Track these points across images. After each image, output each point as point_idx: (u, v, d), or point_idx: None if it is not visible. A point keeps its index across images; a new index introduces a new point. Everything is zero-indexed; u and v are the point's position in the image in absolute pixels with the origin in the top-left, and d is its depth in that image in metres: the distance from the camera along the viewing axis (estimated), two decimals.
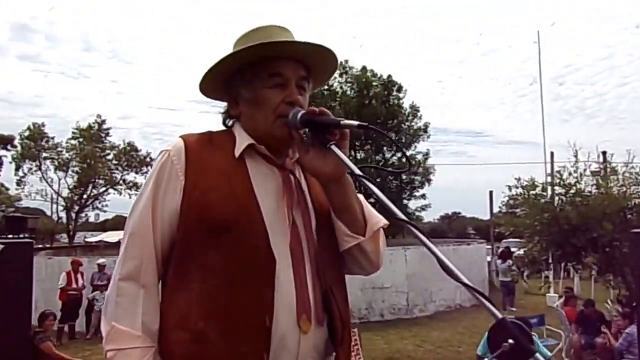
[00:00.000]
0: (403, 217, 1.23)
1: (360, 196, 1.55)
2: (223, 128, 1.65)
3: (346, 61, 30.29)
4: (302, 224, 1.50)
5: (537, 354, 0.99)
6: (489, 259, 19.67)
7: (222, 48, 1.67)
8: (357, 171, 1.32)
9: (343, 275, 1.61)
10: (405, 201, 31.14)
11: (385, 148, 29.88)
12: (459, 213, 69.56)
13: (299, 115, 1.43)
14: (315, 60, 1.57)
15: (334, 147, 1.38)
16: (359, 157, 28.95)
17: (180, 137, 1.55)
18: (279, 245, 1.43)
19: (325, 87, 29.91)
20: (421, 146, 30.72)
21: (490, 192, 25.87)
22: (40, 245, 33.73)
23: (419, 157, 30.25)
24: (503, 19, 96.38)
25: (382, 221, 1.55)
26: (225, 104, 1.66)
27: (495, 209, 27.98)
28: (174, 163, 1.48)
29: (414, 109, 30.09)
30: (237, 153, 1.50)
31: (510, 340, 1.01)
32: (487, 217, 27.69)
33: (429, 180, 30.46)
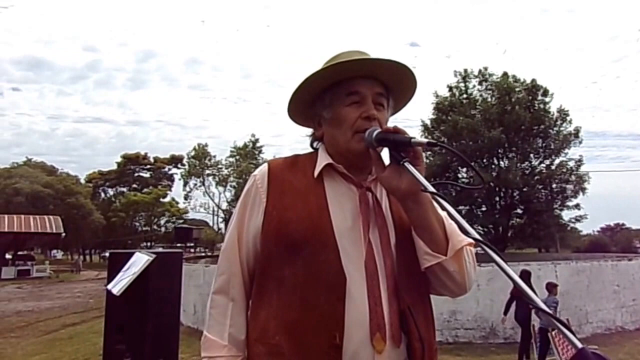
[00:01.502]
0: (477, 236, 1.23)
1: (443, 214, 1.50)
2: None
3: (485, 68, 29.69)
4: (379, 242, 1.50)
5: None
6: None
7: None
8: (431, 188, 1.32)
9: (426, 295, 1.58)
10: (557, 211, 29.65)
11: (532, 155, 28.72)
12: (623, 224, 64.31)
13: (375, 133, 1.45)
14: (392, 77, 1.60)
15: (407, 165, 1.37)
16: (502, 165, 28.02)
17: (268, 161, 1.68)
18: (353, 263, 1.45)
19: (464, 95, 29.41)
20: (573, 152, 29.07)
21: None
22: (202, 254, 36.22)
23: (571, 164, 28.69)
24: None
25: (467, 240, 1.47)
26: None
27: None
28: (258, 187, 1.59)
29: (563, 113, 28.63)
30: (316, 173, 1.57)
31: None
32: None
33: (583, 189, 28.62)
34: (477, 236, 1.24)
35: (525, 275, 9.52)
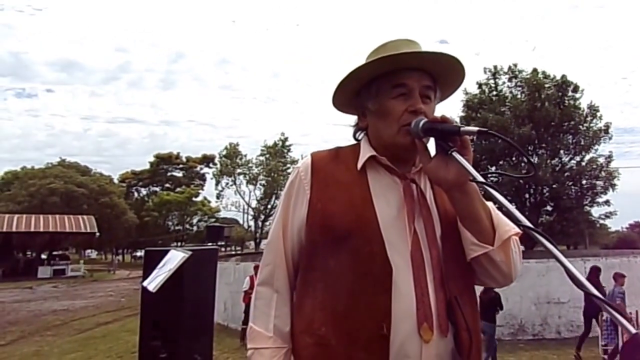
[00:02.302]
0: (529, 224, 1.19)
1: (490, 204, 1.49)
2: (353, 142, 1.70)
3: (515, 65, 29.30)
4: (424, 232, 1.49)
5: None
6: None
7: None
8: (480, 178, 1.29)
9: (471, 285, 1.57)
10: (586, 208, 29.16)
11: (562, 151, 28.31)
12: None
13: (421, 123, 1.42)
14: (441, 69, 1.57)
15: (455, 154, 1.35)
16: (532, 161, 27.62)
17: (311, 154, 1.66)
18: (399, 254, 1.44)
19: (494, 92, 29.09)
20: (602, 148, 28.54)
21: None
22: (233, 252, 36.45)
23: (601, 160, 28.14)
24: None
25: (514, 230, 1.45)
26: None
27: None
28: (301, 179, 1.59)
29: (593, 109, 28.10)
30: (359, 165, 1.56)
31: None
32: None
33: (613, 185, 28.02)
34: (529, 224, 1.19)
35: (595, 271, 9.57)
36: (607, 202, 28.70)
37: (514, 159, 28.06)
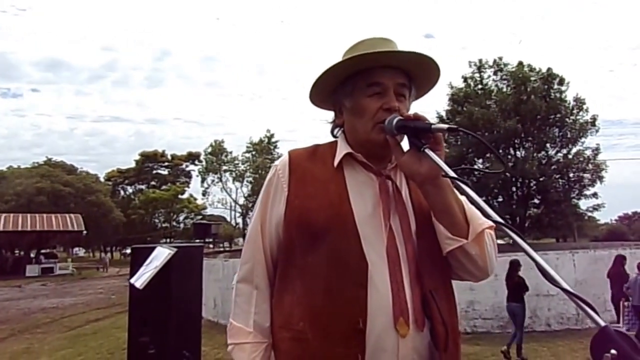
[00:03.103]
0: (499, 219, 1.23)
1: (463, 199, 1.51)
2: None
3: (500, 58, 29.38)
4: (400, 228, 1.51)
5: None
6: None
7: None
8: (451, 173, 1.31)
9: (448, 280, 1.59)
10: (574, 200, 29.35)
11: (548, 144, 28.46)
12: None
13: (395, 121, 1.45)
14: (415, 67, 1.59)
15: (427, 150, 1.38)
16: (519, 155, 27.81)
17: (289, 151, 1.69)
18: (375, 250, 1.46)
19: (480, 86, 29.18)
20: (590, 141, 28.70)
21: None
22: (221, 249, 36.48)
23: (588, 152, 28.32)
24: None
25: (487, 223, 1.48)
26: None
27: None
28: (279, 176, 1.61)
29: (579, 102, 28.25)
30: (335, 162, 1.59)
31: (613, 351, 0.95)
32: None
33: (600, 178, 28.20)
34: (499, 219, 1.23)
35: (620, 260, 9.90)
36: (595, 195, 28.90)
37: (501, 150, 28.17)
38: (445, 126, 1.38)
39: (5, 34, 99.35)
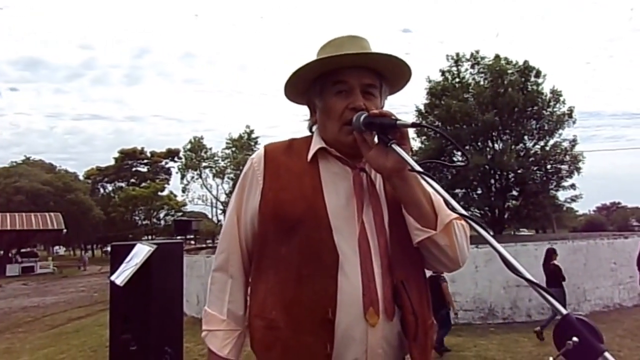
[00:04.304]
0: (463, 212, 1.26)
1: (431, 190, 1.51)
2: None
3: (477, 52, 29.45)
4: (372, 220, 1.55)
5: (607, 353, 0.93)
6: None
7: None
8: (417, 167, 1.35)
9: (420, 270, 1.62)
10: (552, 192, 29.61)
11: (526, 137, 28.68)
12: (619, 203, 64.38)
13: (362, 118, 1.49)
14: (383, 66, 1.62)
15: (394, 146, 1.41)
16: (497, 147, 28.00)
17: (264, 145, 1.74)
18: (346, 241, 1.50)
19: (457, 79, 29.30)
20: (567, 132, 28.87)
21: None
22: (203, 245, 36.38)
23: (565, 144, 28.50)
24: None
25: (455, 214, 1.50)
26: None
27: None
28: (255, 169, 1.66)
29: (556, 94, 28.43)
30: (309, 156, 1.63)
31: (575, 338, 0.96)
32: None
33: (578, 169, 28.33)
34: (463, 211, 1.26)
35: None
36: (573, 186, 29.12)
37: (479, 144, 28.35)
38: (410, 122, 1.42)
39: None
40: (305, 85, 1.69)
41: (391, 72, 1.66)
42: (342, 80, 1.59)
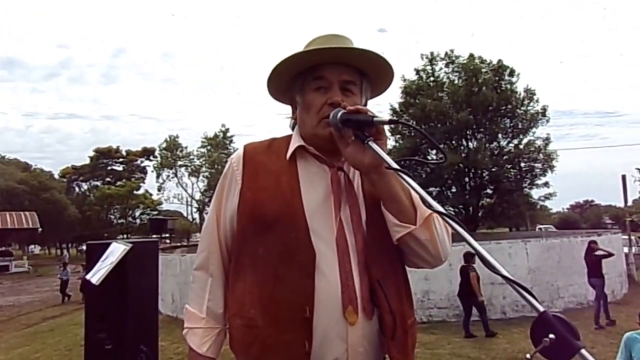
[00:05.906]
0: (440, 209, 1.24)
1: (409, 187, 1.43)
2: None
3: (451, 51, 29.74)
4: (350, 219, 1.54)
5: (583, 350, 0.93)
6: (626, 250, 17.64)
7: None
8: (393, 164, 1.34)
9: (398, 269, 1.61)
10: (526, 190, 29.99)
11: (500, 135, 28.99)
12: (592, 201, 65.28)
13: (339, 115, 1.47)
14: (364, 63, 1.63)
15: (371, 143, 1.40)
16: (471, 146, 28.27)
17: (244, 145, 1.74)
18: (324, 240, 1.50)
19: (432, 78, 29.51)
20: (541, 131, 29.36)
21: (623, 177, 20.84)
22: (178, 244, 36.16)
23: (539, 142, 28.96)
24: None
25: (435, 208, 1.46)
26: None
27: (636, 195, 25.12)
28: (234, 169, 1.67)
29: (530, 93, 28.81)
30: (288, 155, 1.62)
31: (552, 335, 0.96)
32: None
33: (551, 167, 28.87)
34: (440, 208, 1.24)
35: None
36: (546, 184, 29.59)
37: (454, 142, 28.59)
38: (387, 119, 1.42)
39: None
40: (287, 81, 1.68)
41: (371, 69, 1.66)
42: (321, 76, 1.59)
